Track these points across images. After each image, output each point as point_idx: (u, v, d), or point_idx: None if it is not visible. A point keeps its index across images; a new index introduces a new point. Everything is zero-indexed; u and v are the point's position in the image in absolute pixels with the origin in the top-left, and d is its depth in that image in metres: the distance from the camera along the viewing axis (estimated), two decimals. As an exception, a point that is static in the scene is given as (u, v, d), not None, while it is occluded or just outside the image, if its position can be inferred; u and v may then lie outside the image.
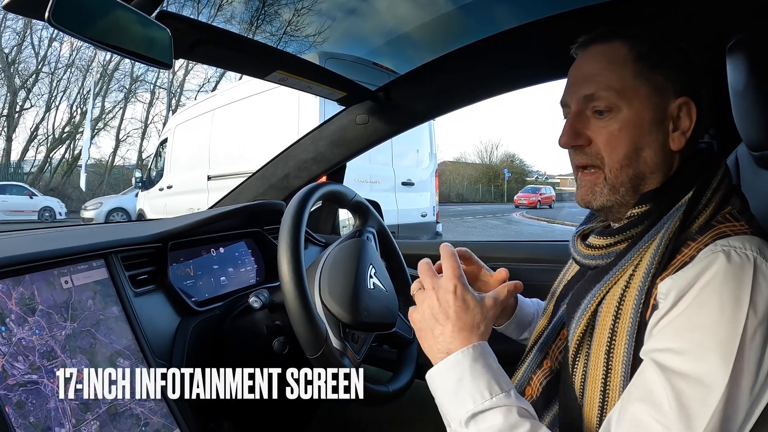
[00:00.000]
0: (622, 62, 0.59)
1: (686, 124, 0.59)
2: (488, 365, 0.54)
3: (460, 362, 0.54)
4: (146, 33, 0.69)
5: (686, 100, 0.58)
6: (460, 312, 0.57)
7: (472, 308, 0.58)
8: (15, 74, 17.48)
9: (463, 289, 0.58)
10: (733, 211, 0.56)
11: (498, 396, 0.52)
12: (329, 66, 1.15)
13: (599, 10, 0.92)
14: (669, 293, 0.51)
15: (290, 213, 0.71)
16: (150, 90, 20.25)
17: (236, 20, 2.71)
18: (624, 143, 0.58)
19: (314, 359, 0.66)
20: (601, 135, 0.59)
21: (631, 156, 0.58)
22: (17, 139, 17.92)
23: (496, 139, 53.13)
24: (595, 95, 0.59)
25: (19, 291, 0.63)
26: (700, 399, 0.46)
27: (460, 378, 0.53)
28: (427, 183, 4.89)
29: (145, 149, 20.52)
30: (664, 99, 0.58)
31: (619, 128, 0.58)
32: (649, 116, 0.58)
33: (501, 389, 0.52)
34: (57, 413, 0.61)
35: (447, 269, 0.60)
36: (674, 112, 0.59)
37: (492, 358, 0.56)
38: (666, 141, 0.59)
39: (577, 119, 0.60)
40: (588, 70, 0.61)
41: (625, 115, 0.58)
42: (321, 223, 1.52)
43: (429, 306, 0.58)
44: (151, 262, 0.85)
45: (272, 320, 0.81)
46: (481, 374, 0.53)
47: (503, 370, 0.56)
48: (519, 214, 17.92)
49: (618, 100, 0.58)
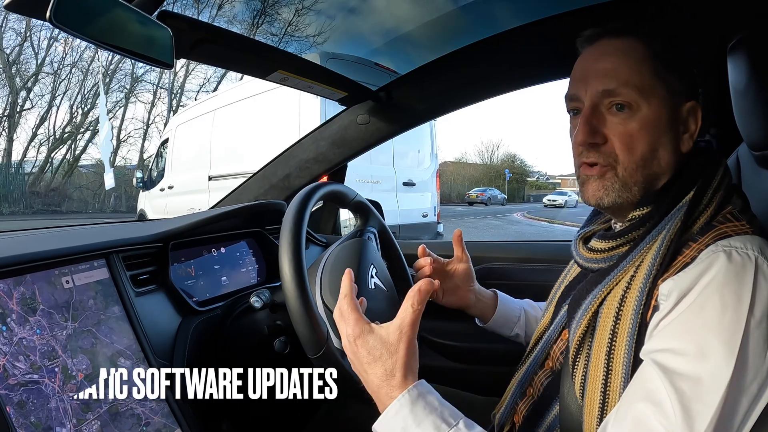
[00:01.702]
0: (641, 59, 0.58)
1: (693, 127, 0.59)
2: (428, 405, 0.52)
3: (398, 412, 0.52)
4: (147, 33, 0.69)
5: (694, 104, 0.59)
6: (371, 365, 0.55)
7: (378, 356, 0.54)
8: (16, 74, 17.50)
9: (363, 338, 0.55)
10: (734, 211, 0.56)
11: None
12: (330, 66, 1.15)
13: (600, 10, 0.92)
14: (670, 295, 0.51)
15: (291, 213, 0.71)
16: (152, 90, 20.29)
17: (237, 20, 2.71)
18: (642, 143, 0.57)
19: (315, 359, 0.65)
20: (618, 134, 0.58)
21: (647, 156, 0.58)
22: (18, 140, 17.98)
23: (496, 139, 53.26)
24: (616, 91, 0.57)
25: (20, 291, 0.63)
26: (702, 399, 0.46)
27: (404, 427, 0.51)
28: (428, 183, 4.89)
29: (146, 149, 20.57)
30: (677, 101, 0.58)
31: (639, 128, 0.57)
32: (666, 117, 0.58)
33: (449, 425, 0.51)
34: (58, 413, 0.61)
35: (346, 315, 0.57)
36: (684, 115, 0.59)
37: (431, 394, 0.54)
38: (678, 143, 0.59)
39: (593, 116, 0.59)
40: (605, 65, 0.59)
41: (644, 114, 0.57)
42: (322, 223, 1.53)
43: (350, 359, 0.57)
44: (152, 262, 0.85)
45: (273, 320, 0.81)
46: (424, 417, 0.51)
47: (445, 401, 0.54)
48: (520, 215, 17.97)
49: (638, 98, 0.57)
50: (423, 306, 0.55)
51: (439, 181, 5.15)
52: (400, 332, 0.55)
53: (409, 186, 4.61)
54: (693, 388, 0.46)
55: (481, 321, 0.90)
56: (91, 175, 18.61)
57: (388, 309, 0.81)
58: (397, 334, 0.55)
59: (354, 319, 0.57)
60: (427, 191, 4.87)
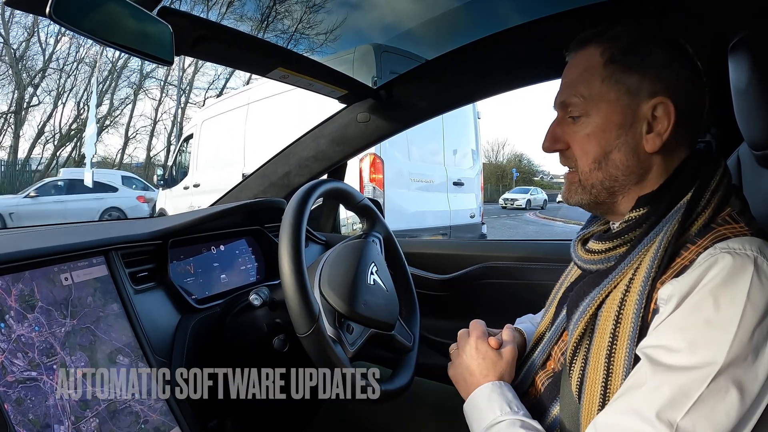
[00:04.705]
0: (593, 68, 0.60)
1: (663, 125, 0.57)
2: (503, 394, 0.65)
3: (482, 393, 0.67)
4: (147, 29, 0.69)
5: (662, 100, 0.57)
6: (481, 364, 0.70)
7: (489, 359, 0.70)
8: (23, 70, 17.41)
9: (484, 346, 0.71)
10: (732, 213, 0.55)
11: (507, 413, 0.62)
12: (384, 60, 1.14)
13: (601, 10, 0.92)
14: (670, 299, 0.51)
15: (292, 208, 0.71)
16: (159, 87, 20.19)
17: (237, 16, 2.68)
18: (593, 147, 0.60)
19: (305, 338, 0.64)
20: (575, 140, 0.62)
21: (600, 159, 0.60)
22: (24, 137, 17.86)
23: (502, 139, 52.96)
24: (566, 101, 0.62)
25: (19, 287, 0.62)
26: (682, 389, 0.47)
27: (481, 405, 0.66)
28: (474, 183, 4.72)
29: (153, 147, 20.49)
30: (635, 101, 0.58)
31: (588, 133, 0.60)
32: (617, 120, 0.59)
33: (511, 410, 0.62)
34: (56, 410, 0.60)
35: (472, 332, 0.74)
36: (647, 113, 0.58)
37: (509, 391, 0.66)
38: (639, 143, 0.59)
39: (558, 125, 0.64)
40: (567, 78, 0.64)
41: (593, 120, 0.60)
42: (322, 222, 1.52)
43: (460, 362, 0.72)
44: (151, 260, 0.85)
45: (273, 318, 0.80)
46: (496, 400, 0.64)
47: (518, 399, 0.66)
48: (533, 215, 17.62)
49: (586, 107, 0.60)
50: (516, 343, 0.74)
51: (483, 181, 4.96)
52: (513, 348, 0.72)
53: (459, 186, 4.46)
54: (675, 378, 0.47)
55: None
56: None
57: (386, 306, 0.81)
58: (510, 350, 0.71)
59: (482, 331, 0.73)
60: (472, 191, 4.71)
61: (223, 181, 4.87)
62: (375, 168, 3.49)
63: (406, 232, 3.67)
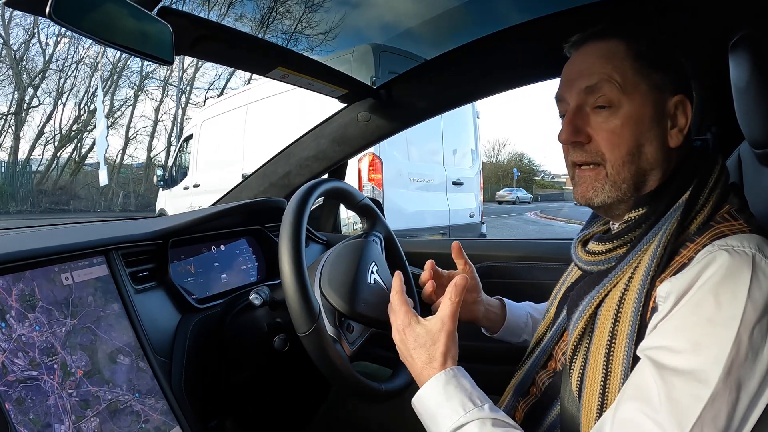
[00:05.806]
0: (622, 58, 0.59)
1: (683, 122, 0.59)
2: (459, 385, 0.58)
3: (433, 388, 0.59)
4: (147, 29, 0.69)
5: (682, 98, 0.59)
6: (416, 351, 0.62)
7: (423, 343, 0.62)
8: (23, 71, 17.41)
9: (411, 327, 0.63)
10: (731, 210, 0.55)
11: (471, 411, 0.56)
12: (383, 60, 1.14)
13: (601, 9, 0.92)
14: (669, 296, 0.51)
15: (292, 208, 0.71)
16: (160, 87, 20.20)
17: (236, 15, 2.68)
18: (626, 139, 0.58)
19: (305, 337, 0.64)
20: (602, 132, 0.59)
21: (634, 152, 0.58)
22: (24, 138, 17.87)
23: (503, 138, 52.95)
24: (597, 86, 0.58)
25: (20, 287, 0.62)
26: (692, 393, 0.46)
27: (437, 402, 0.58)
28: (473, 182, 4.71)
29: (154, 147, 20.49)
30: (662, 96, 0.59)
31: (621, 124, 0.58)
32: (649, 112, 0.58)
33: (474, 405, 0.56)
34: (57, 410, 0.60)
35: (393, 309, 0.67)
36: (671, 110, 0.59)
37: (465, 378, 0.60)
38: (665, 138, 0.59)
39: (577, 115, 0.60)
40: (587, 65, 0.60)
41: (626, 110, 0.58)
42: (322, 221, 1.53)
43: (400, 353, 0.65)
44: (151, 259, 0.85)
45: (273, 317, 0.81)
46: (454, 394, 0.57)
47: (477, 387, 0.60)
48: (533, 214, 17.62)
49: (620, 95, 0.58)
50: (460, 299, 0.63)
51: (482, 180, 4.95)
52: (442, 323, 0.62)
53: (458, 186, 4.46)
54: (684, 382, 0.46)
55: (489, 331, 0.86)
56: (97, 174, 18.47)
57: (386, 305, 0.81)
58: (439, 324, 0.62)
59: (404, 312, 0.65)
60: (472, 191, 4.70)
61: (222, 182, 4.88)
62: (374, 168, 3.49)
63: (406, 232, 3.66)
